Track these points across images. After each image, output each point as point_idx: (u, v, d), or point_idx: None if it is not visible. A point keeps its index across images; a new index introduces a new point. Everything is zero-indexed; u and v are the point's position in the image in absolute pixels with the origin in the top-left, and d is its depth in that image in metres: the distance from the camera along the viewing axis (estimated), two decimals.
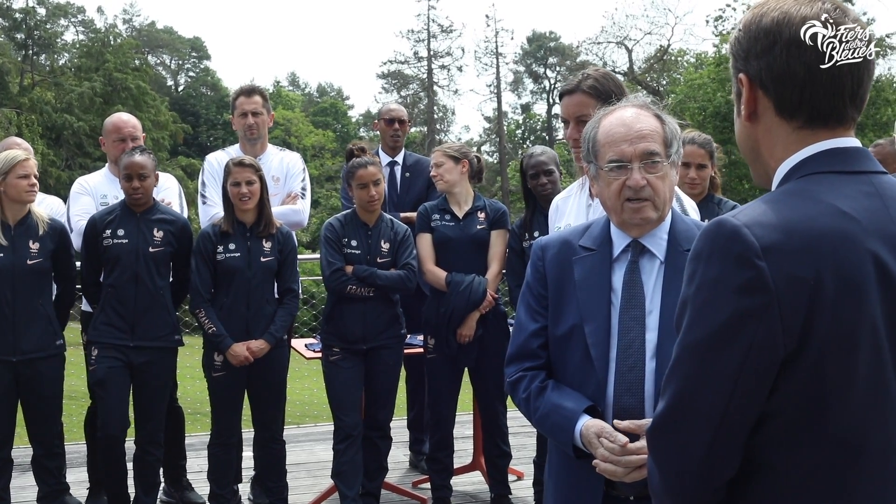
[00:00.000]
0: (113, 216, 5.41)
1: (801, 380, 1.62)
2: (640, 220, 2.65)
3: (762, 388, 1.63)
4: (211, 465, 5.53)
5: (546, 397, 2.67)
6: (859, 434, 1.65)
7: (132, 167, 5.32)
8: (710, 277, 1.65)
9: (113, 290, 5.35)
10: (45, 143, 37.26)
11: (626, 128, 2.65)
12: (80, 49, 47.00)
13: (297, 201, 6.13)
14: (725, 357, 1.63)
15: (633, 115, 2.68)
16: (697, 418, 1.68)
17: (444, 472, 5.88)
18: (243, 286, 5.38)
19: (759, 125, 1.81)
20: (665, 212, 2.69)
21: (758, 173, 1.89)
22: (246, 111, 6.13)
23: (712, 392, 1.65)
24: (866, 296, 1.62)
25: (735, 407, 1.64)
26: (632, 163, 2.62)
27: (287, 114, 57.11)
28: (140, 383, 5.40)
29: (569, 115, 3.42)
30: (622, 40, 45.55)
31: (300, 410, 10.19)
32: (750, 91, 1.80)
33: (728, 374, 1.63)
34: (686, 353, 1.69)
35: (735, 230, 1.63)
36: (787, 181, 1.76)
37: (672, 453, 1.74)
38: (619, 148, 2.64)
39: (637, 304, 2.62)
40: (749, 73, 1.79)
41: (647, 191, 2.62)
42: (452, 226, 5.79)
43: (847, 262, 1.61)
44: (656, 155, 2.63)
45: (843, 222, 1.64)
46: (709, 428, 1.66)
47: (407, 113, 7.14)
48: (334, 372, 5.52)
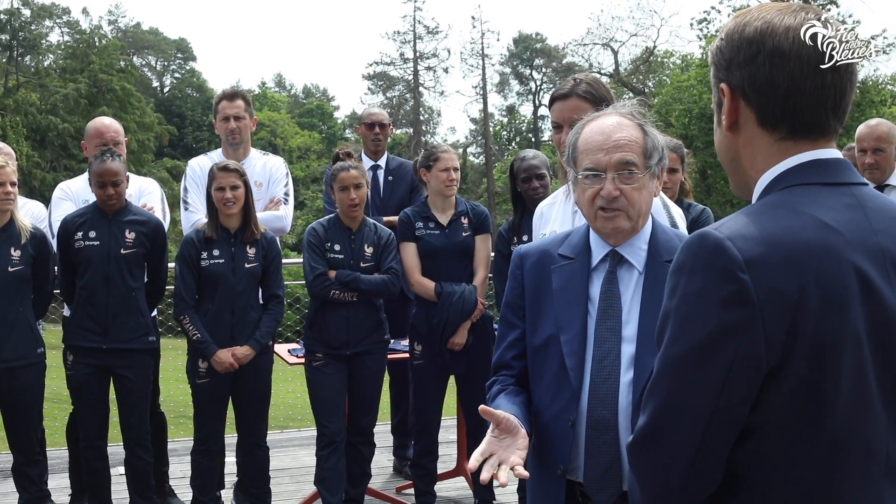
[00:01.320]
0: (84, 218, 5.36)
1: (785, 394, 1.61)
2: (611, 229, 2.63)
3: (745, 402, 1.62)
4: (194, 472, 5.51)
5: (495, 402, 2.64)
6: (842, 448, 1.64)
7: (105, 175, 5.26)
8: (693, 290, 1.64)
9: (85, 292, 5.32)
10: (29, 145, 37.08)
11: (605, 137, 2.63)
12: (66, 50, 46.85)
13: (280, 207, 6.10)
14: (708, 371, 1.61)
15: (615, 124, 2.66)
16: (680, 433, 1.66)
17: (428, 478, 5.87)
18: (228, 292, 5.34)
19: (740, 136, 1.80)
20: (641, 223, 2.67)
21: (737, 184, 1.88)
22: (228, 115, 6.09)
23: (695, 407, 1.64)
24: (849, 309, 1.61)
25: (718, 422, 1.63)
26: (607, 172, 2.60)
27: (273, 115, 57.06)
28: (119, 386, 5.38)
29: (563, 119, 3.38)
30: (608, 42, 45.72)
31: (284, 415, 10.15)
32: (731, 101, 1.78)
33: (711, 388, 1.62)
34: (668, 367, 1.68)
35: (718, 243, 1.61)
36: (768, 193, 1.75)
37: (654, 468, 1.72)
38: (596, 157, 2.62)
39: (613, 315, 2.60)
40: (731, 83, 1.78)
41: (621, 201, 2.60)
42: (438, 234, 5.75)
43: (831, 275, 1.60)
44: (632, 165, 2.60)
45: (827, 235, 1.63)
46: (691, 443, 1.65)
47: (389, 116, 7.12)
48: (317, 377, 5.50)
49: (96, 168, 5.29)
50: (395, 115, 54.81)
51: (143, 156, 42.34)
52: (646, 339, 2.52)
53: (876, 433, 1.66)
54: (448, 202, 5.80)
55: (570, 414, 2.58)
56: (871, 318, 1.64)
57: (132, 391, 5.38)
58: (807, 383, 1.61)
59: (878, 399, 1.66)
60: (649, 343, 2.45)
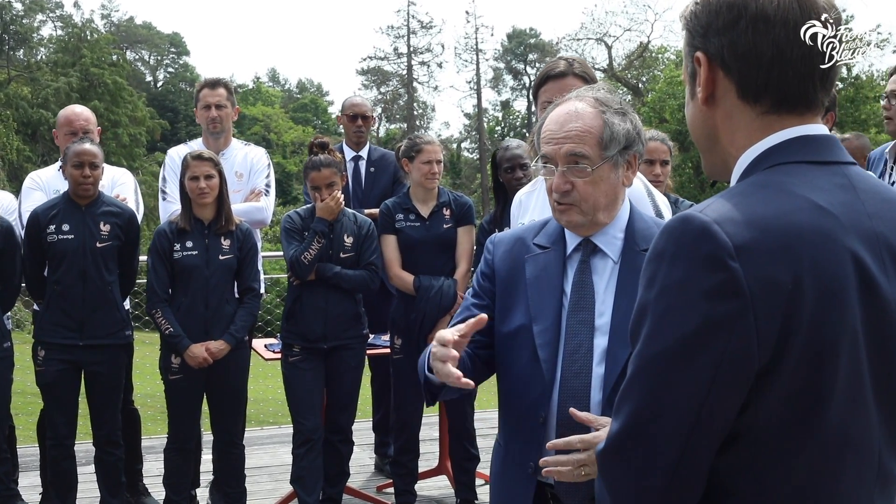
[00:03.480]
0: (56, 210, 5.18)
1: (777, 395, 1.45)
2: (565, 223, 2.52)
3: (733, 405, 1.45)
4: (167, 470, 5.35)
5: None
6: (838, 451, 1.49)
7: (84, 155, 5.10)
8: (675, 280, 1.46)
9: (59, 287, 5.14)
10: (20, 139, 36.93)
11: (557, 126, 2.50)
12: (57, 44, 46.63)
13: (261, 198, 5.95)
14: (693, 371, 1.44)
15: (571, 112, 2.50)
16: (659, 440, 1.48)
17: (408, 477, 5.71)
18: (201, 285, 5.18)
19: (718, 109, 1.63)
20: (599, 217, 2.51)
21: (712, 163, 1.71)
22: (209, 104, 5.96)
23: (677, 410, 1.46)
24: (847, 300, 1.46)
25: (702, 427, 1.46)
26: (557, 164, 2.48)
27: (267, 110, 57.03)
28: (91, 383, 5.21)
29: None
30: (602, 37, 45.56)
31: (265, 411, 9.99)
32: (708, 71, 1.62)
33: (695, 390, 1.44)
34: (646, 366, 1.49)
35: (704, 227, 1.44)
36: (751, 172, 1.58)
37: (628, 479, 1.53)
38: (548, 147, 2.50)
39: (585, 307, 2.46)
40: (708, 51, 1.61)
41: (573, 195, 2.47)
42: (418, 226, 5.59)
43: (827, 263, 1.45)
44: (582, 158, 2.45)
45: (821, 218, 1.48)
46: (672, 451, 1.47)
47: (371, 107, 6.95)
48: (294, 373, 5.34)
49: (74, 149, 5.13)
50: (389, 109, 54.80)
51: (135, 150, 42.24)
52: (620, 333, 2.38)
53: (869, 433, 1.52)
54: (430, 193, 5.63)
55: (542, 409, 2.45)
56: (868, 310, 1.49)
57: (105, 387, 5.22)
58: (801, 382, 1.45)
59: (872, 396, 1.52)
60: (623, 335, 2.29)
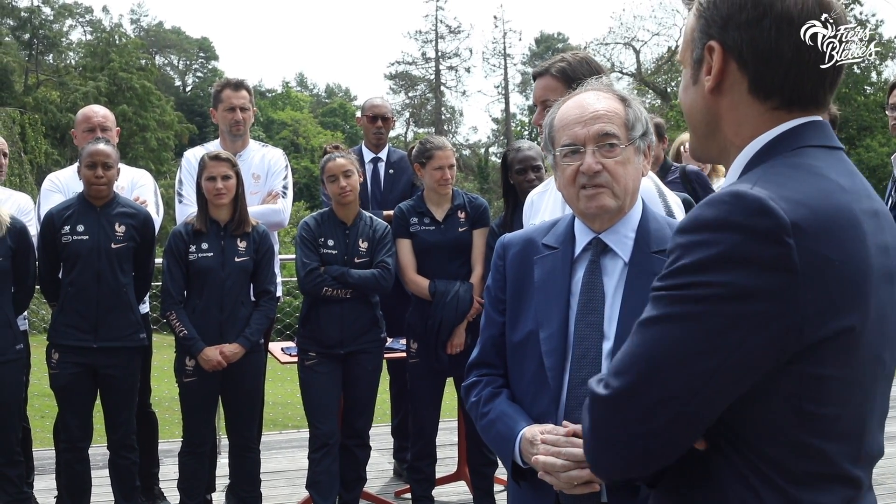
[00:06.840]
0: (71, 210, 5.14)
1: (805, 373, 1.47)
2: (595, 208, 2.37)
3: (758, 369, 1.46)
4: (181, 474, 5.31)
5: (495, 403, 2.41)
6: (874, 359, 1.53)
7: (97, 155, 5.07)
8: (727, 249, 1.43)
9: (74, 289, 5.09)
10: (49, 143, 37.11)
11: (581, 109, 2.40)
12: (86, 49, 46.97)
13: (278, 200, 5.90)
14: (731, 333, 1.43)
15: (592, 96, 2.43)
16: (674, 385, 1.49)
17: (425, 483, 5.64)
18: (216, 287, 5.13)
19: (724, 99, 1.62)
20: (627, 202, 2.41)
21: (707, 147, 1.70)
22: (234, 106, 5.94)
23: (702, 359, 1.46)
24: (876, 280, 1.49)
25: (717, 383, 1.46)
26: (586, 146, 2.37)
27: (295, 115, 57.19)
28: (106, 386, 5.16)
29: (535, 98, 3.24)
30: (630, 41, 45.35)
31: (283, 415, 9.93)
32: (722, 62, 1.60)
33: (725, 347, 1.44)
34: (673, 314, 1.49)
35: (761, 202, 1.43)
36: (767, 155, 1.57)
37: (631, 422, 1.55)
38: (573, 130, 2.39)
39: (594, 310, 2.34)
40: (725, 42, 1.59)
41: (604, 176, 2.35)
42: (433, 230, 5.50)
43: (861, 242, 1.48)
44: (613, 137, 2.37)
45: (849, 200, 1.50)
46: (689, 397, 1.48)
47: (391, 109, 6.88)
48: (310, 377, 5.29)
49: (88, 149, 5.11)
50: (417, 114, 54.75)
51: (163, 154, 42.40)
52: (626, 337, 2.27)
53: (879, 418, 1.62)
54: (444, 197, 5.55)
55: (550, 419, 2.32)
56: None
57: (119, 390, 5.17)
58: (835, 360, 1.48)
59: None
60: None
